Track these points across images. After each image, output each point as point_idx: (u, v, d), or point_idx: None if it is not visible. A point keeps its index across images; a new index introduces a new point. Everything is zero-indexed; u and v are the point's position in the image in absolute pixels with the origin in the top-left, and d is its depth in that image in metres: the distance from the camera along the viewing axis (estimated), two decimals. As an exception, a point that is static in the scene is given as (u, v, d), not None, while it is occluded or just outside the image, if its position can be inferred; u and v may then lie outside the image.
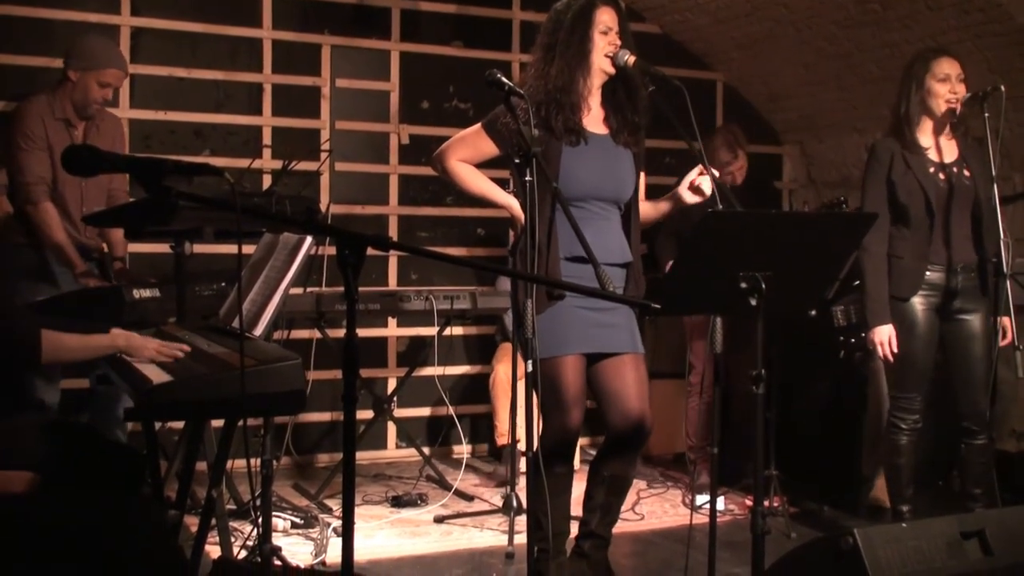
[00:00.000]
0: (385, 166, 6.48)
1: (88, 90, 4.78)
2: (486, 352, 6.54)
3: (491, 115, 3.68)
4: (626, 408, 3.67)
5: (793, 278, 3.12)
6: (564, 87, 3.61)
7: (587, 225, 3.53)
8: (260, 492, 3.86)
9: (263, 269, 3.54)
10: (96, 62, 4.78)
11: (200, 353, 3.12)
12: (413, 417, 6.49)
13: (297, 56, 6.26)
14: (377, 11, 6.45)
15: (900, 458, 4.50)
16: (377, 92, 6.47)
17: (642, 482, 5.91)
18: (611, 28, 3.64)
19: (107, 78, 4.79)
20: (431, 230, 6.62)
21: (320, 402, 6.07)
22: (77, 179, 4.75)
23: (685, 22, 6.92)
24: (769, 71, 7.04)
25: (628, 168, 3.73)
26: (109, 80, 4.80)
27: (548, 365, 3.53)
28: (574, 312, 3.59)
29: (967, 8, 5.54)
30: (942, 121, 4.41)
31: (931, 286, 4.38)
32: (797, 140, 7.48)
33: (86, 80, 4.77)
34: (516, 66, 6.61)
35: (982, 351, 4.41)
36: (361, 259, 2.17)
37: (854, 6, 5.98)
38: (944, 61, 4.40)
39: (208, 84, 6.08)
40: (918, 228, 4.37)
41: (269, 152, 6.08)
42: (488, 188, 3.75)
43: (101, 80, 4.78)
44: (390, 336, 6.49)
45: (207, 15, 6.03)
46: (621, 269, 3.70)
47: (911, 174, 4.36)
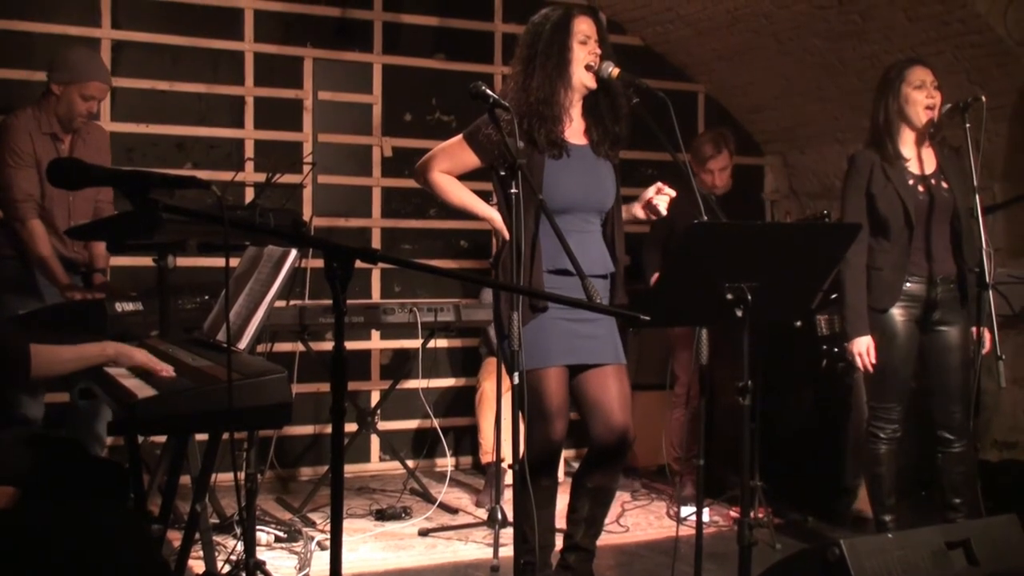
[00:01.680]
0: (368, 179, 6.47)
1: (72, 103, 4.76)
2: (470, 365, 6.53)
3: (473, 126, 3.68)
4: (609, 420, 3.67)
5: (779, 289, 3.13)
6: (545, 99, 3.61)
7: (570, 237, 3.53)
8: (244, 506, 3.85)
9: (247, 282, 3.53)
10: (79, 75, 4.76)
11: (184, 367, 3.10)
12: (397, 430, 6.48)
13: (279, 69, 6.25)
14: (359, 24, 6.45)
15: (880, 467, 4.52)
16: (359, 104, 6.46)
17: (626, 494, 5.90)
18: (589, 37, 3.65)
19: (90, 91, 4.77)
20: (414, 242, 6.61)
21: (303, 415, 6.05)
22: (65, 192, 4.74)
23: (666, 34, 6.95)
24: (750, 82, 7.07)
25: (609, 179, 3.75)
26: (92, 93, 4.78)
27: (531, 377, 3.52)
28: (556, 324, 3.59)
29: (947, 19, 5.58)
30: (921, 129, 4.43)
31: (911, 297, 4.40)
32: (778, 151, 7.51)
33: (69, 93, 4.75)
34: (499, 78, 6.61)
35: (959, 362, 4.43)
36: (350, 272, 2.16)
37: (835, 18, 6.01)
38: (918, 69, 4.43)
39: (190, 97, 6.07)
40: (897, 240, 4.39)
41: (252, 165, 6.06)
42: (470, 200, 3.75)
43: (84, 93, 4.76)
44: (374, 349, 6.48)
45: (188, 28, 6.02)
46: (604, 280, 3.71)
47: (891, 186, 4.37)
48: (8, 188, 4.73)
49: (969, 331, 4.42)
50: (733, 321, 3.04)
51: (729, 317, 3.03)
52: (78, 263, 4.94)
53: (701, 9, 6.49)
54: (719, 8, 6.39)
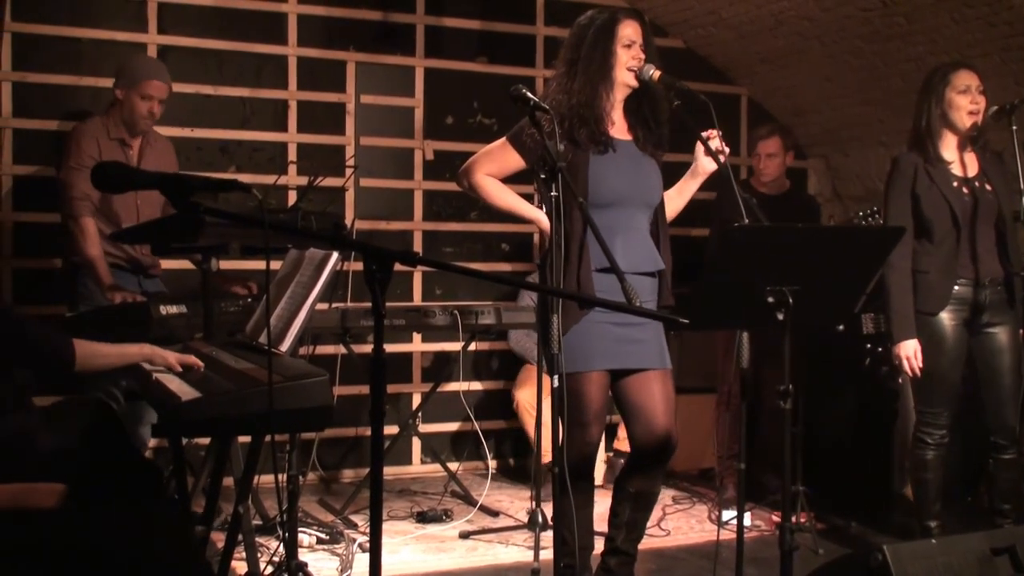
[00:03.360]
0: (410, 182, 6.49)
1: (133, 105, 4.91)
2: (511, 367, 6.53)
3: (516, 128, 3.68)
4: (652, 424, 3.66)
5: (821, 292, 3.10)
6: (587, 102, 3.61)
7: (617, 233, 3.53)
8: (286, 508, 3.87)
9: (289, 285, 3.55)
10: (135, 77, 4.91)
11: (227, 369, 3.12)
12: (438, 432, 6.49)
13: (322, 73, 6.29)
14: (401, 27, 6.47)
15: (927, 473, 4.47)
16: (402, 108, 6.48)
17: (668, 497, 5.88)
18: (634, 41, 3.64)
19: (148, 90, 4.89)
20: (456, 245, 6.62)
21: (345, 417, 6.07)
22: (132, 195, 4.84)
23: (709, 36, 6.92)
24: (793, 85, 7.02)
25: (655, 174, 3.74)
26: (151, 92, 4.90)
27: (572, 380, 3.52)
28: (601, 328, 3.58)
29: (993, 21, 5.51)
30: (964, 134, 4.38)
31: (959, 300, 4.35)
32: (822, 154, 7.45)
33: (130, 96, 4.91)
34: (540, 81, 6.61)
35: (1010, 364, 4.37)
36: (389, 275, 2.17)
37: (879, 20, 5.96)
38: (963, 73, 4.38)
39: (234, 101, 6.12)
40: (943, 242, 4.34)
41: (295, 168, 6.10)
42: (515, 202, 3.75)
43: (143, 93, 4.89)
44: (415, 351, 6.50)
45: (233, 32, 6.07)
46: (652, 278, 3.69)
47: (935, 188, 4.33)
48: (67, 187, 4.84)
49: (1019, 333, 4.37)
50: (774, 325, 3.02)
51: (771, 321, 3.01)
52: (145, 265, 5.01)
53: (744, 12, 6.45)
54: (762, 11, 6.35)
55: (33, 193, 5.57)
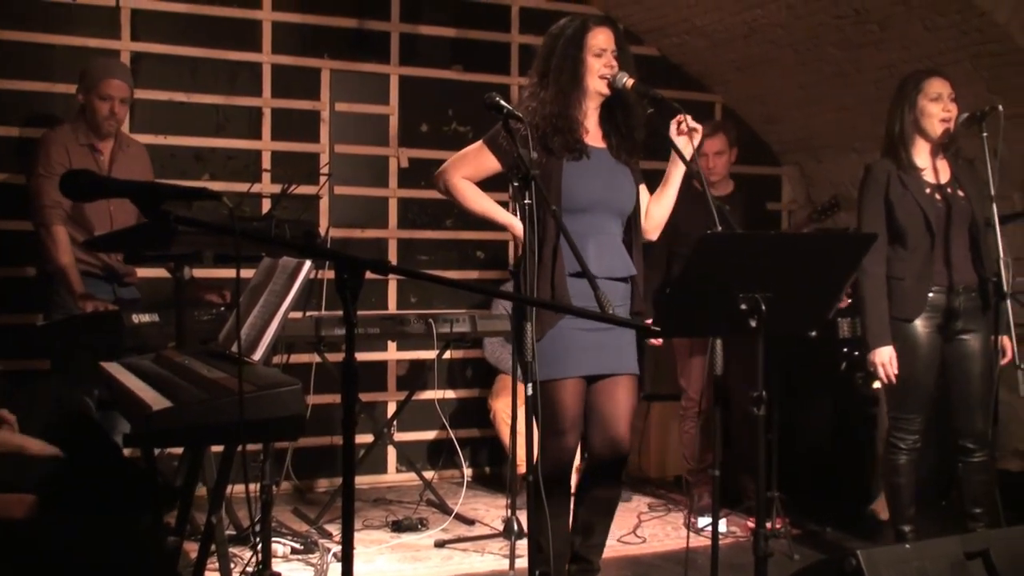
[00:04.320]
0: (384, 189, 6.48)
1: (94, 107, 4.87)
2: (486, 376, 6.52)
3: (492, 131, 3.69)
4: (610, 431, 3.68)
5: (794, 299, 3.11)
6: (559, 112, 3.61)
7: (589, 238, 3.54)
8: (260, 518, 3.85)
9: (262, 293, 3.53)
10: (94, 78, 4.87)
11: (199, 378, 3.11)
12: (413, 441, 6.47)
13: (296, 80, 6.27)
14: (376, 35, 6.46)
15: (900, 478, 4.49)
16: (376, 116, 6.48)
17: (643, 504, 5.89)
18: (605, 49, 3.65)
19: (107, 90, 4.85)
20: (431, 253, 6.61)
21: (320, 426, 6.05)
22: (104, 201, 4.79)
23: (683, 44, 6.94)
24: (767, 92, 7.05)
25: (629, 182, 3.75)
26: (110, 92, 4.85)
27: (547, 387, 3.52)
28: (575, 334, 3.58)
29: (964, 29, 5.55)
30: (936, 141, 4.41)
31: (933, 307, 4.37)
32: (795, 161, 7.48)
33: (90, 99, 4.87)
34: (515, 89, 6.62)
35: (981, 370, 4.40)
36: (360, 283, 2.16)
37: (852, 27, 5.99)
38: (935, 81, 4.41)
39: (208, 108, 6.09)
40: (917, 249, 4.37)
41: (268, 176, 6.08)
42: (490, 207, 3.76)
43: (102, 93, 4.84)
44: (390, 360, 6.48)
45: (207, 39, 6.05)
46: (624, 283, 3.70)
47: (909, 194, 4.36)
48: (38, 195, 4.80)
49: (991, 340, 4.39)
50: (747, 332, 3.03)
51: (743, 328, 3.02)
52: (120, 273, 4.98)
53: (718, 20, 6.48)
54: (736, 19, 6.38)
55: (6, 201, 5.53)
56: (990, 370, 4.38)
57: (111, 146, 4.98)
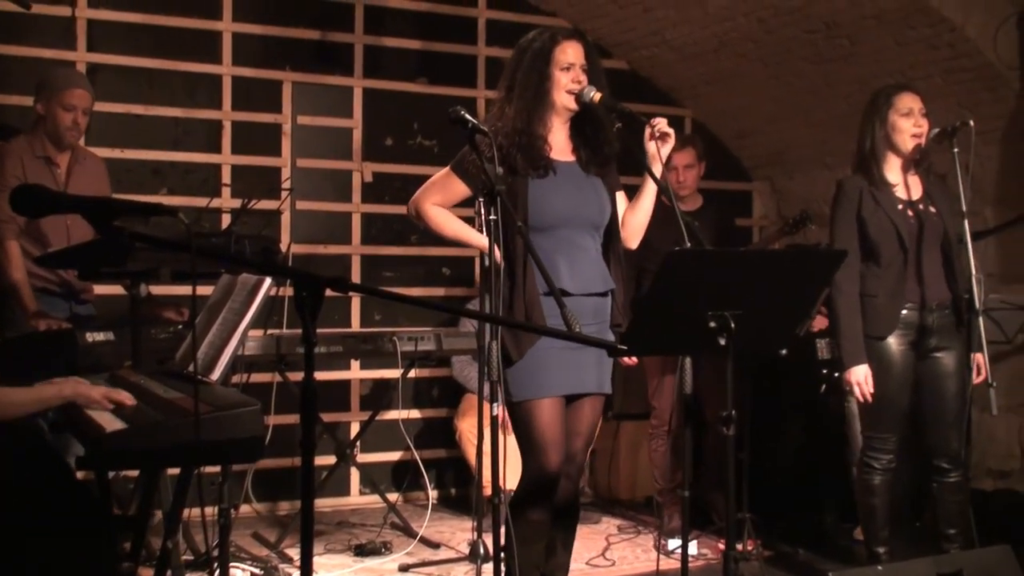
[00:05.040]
0: (348, 205, 6.47)
1: (56, 117, 4.79)
2: (452, 395, 6.51)
3: (459, 156, 3.67)
4: (571, 448, 3.66)
5: (764, 316, 3.12)
6: (522, 128, 3.60)
7: (562, 255, 3.53)
8: (218, 542, 3.82)
9: (220, 311, 3.51)
10: (56, 87, 4.80)
11: (155, 399, 3.08)
12: (377, 462, 6.45)
13: (257, 92, 6.26)
14: (339, 47, 6.46)
15: (874, 498, 4.50)
16: (339, 129, 6.47)
17: (613, 527, 5.88)
18: (573, 64, 3.64)
19: (71, 100, 4.79)
20: (395, 270, 6.60)
21: (281, 447, 5.98)
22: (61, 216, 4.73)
23: (653, 58, 6.98)
24: (738, 107, 7.10)
25: (601, 193, 3.72)
26: (74, 102, 4.80)
27: (525, 408, 3.51)
28: (551, 353, 3.56)
29: (935, 44, 5.61)
30: (908, 157, 4.45)
31: (906, 324, 4.39)
32: (766, 176, 7.53)
33: (52, 108, 4.79)
34: (482, 102, 6.63)
35: (955, 388, 4.42)
36: (319, 301, 2.15)
37: (823, 42, 6.04)
38: (906, 96, 4.44)
39: (166, 121, 6.07)
40: (890, 266, 4.39)
41: (228, 191, 6.05)
42: (463, 231, 3.74)
43: (64, 103, 4.78)
44: (353, 379, 6.46)
45: (165, 50, 6.02)
46: (603, 298, 3.68)
47: (881, 211, 4.38)
48: None
49: (965, 357, 4.42)
50: (717, 350, 3.03)
51: (712, 346, 3.03)
52: (77, 289, 4.92)
53: (688, 33, 6.52)
54: (706, 32, 6.42)
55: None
56: (963, 388, 4.41)
57: (68, 159, 4.92)
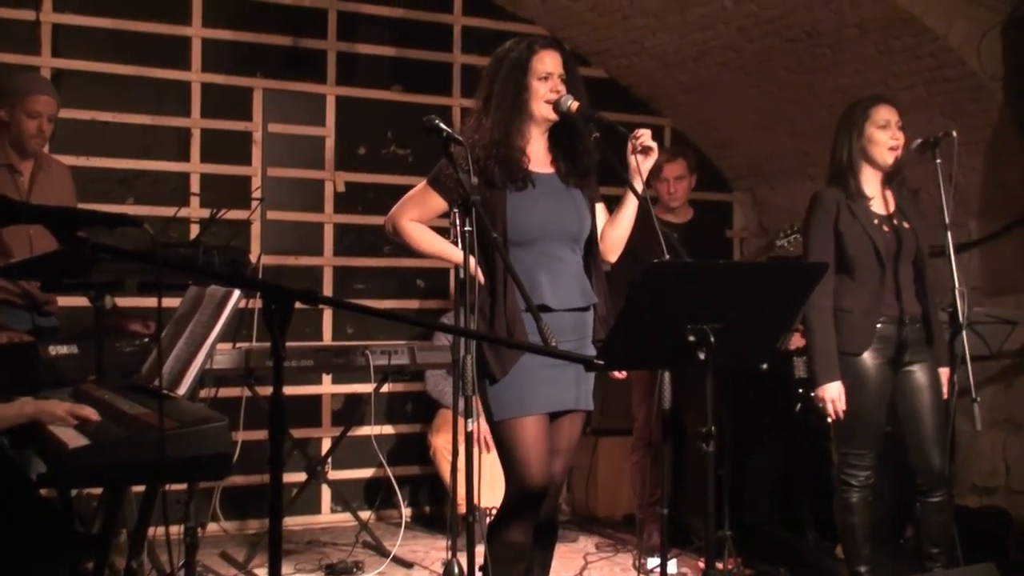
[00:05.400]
0: (320, 215, 6.46)
1: (20, 123, 4.74)
2: (427, 411, 6.49)
3: (436, 169, 3.67)
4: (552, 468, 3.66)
5: (743, 330, 3.13)
6: (500, 140, 3.60)
7: (542, 269, 3.53)
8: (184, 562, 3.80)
9: (188, 324, 3.50)
10: (20, 93, 4.76)
11: (120, 414, 3.07)
12: (349, 479, 6.43)
13: (227, 100, 6.24)
14: (312, 53, 6.46)
15: (853, 517, 4.49)
16: (311, 137, 6.46)
17: (591, 545, 5.88)
18: (551, 73, 3.64)
19: (35, 106, 4.75)
20: (368, 281, 6.59)
21: (251, 464, 5.97)
22: (24, 226, 4.69)
23: (632, 66, 7.00)
24: (718, 116, 7.13)
25: (581, 206, 3.72)
26: (39, 108, 4.76)
27: (509, 427, 3.50)
28: (533, 371, 3.55)
29: (918, 53, 5.65)
30: (884, 170, 4.47)
31: (883, 339, 4.41)
32: (748, 187, 7.56)
33: (15, 115, 4.75)
34: (457, 111, 6.64)
35: (931, 403, 4.43)
36: (289, 314, 2.15)
37: (804, 51, 6.08)
38: (883, 108, 4.46)
39: (133, 129, 6.04)
40: (866, 280, 4.40)
41: (197, 200, 6.04)
42: (442, 247, 3.74)
43: (29, 110, 4.74)
44: (324, 394, 6.44)
45: (133, 56, 6.01)
46: (585, 312, 3.68)
47: (858, 224, 4.39)
48: None
49: (937, 371, 4.44)
50: (696, 364, 3.04)
51: (692, 360, 3.03)
52: (40, 301, 4.88)
53: (667, 41, 6.55)
54: (686, 40, 6.45)
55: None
56: (939, 403, 4.42)
57: (32, 167, 4.89)
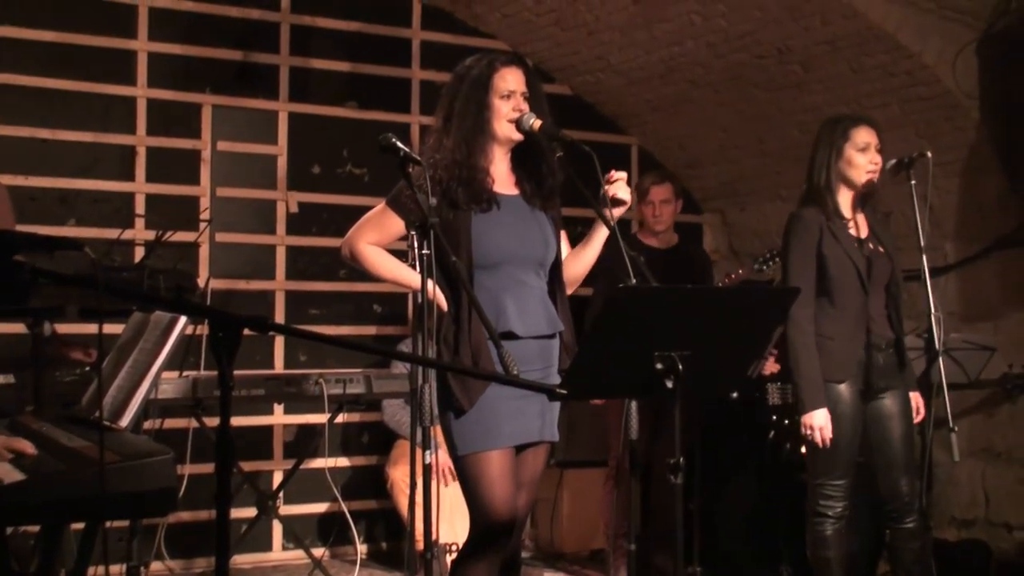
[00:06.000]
0: (271, 237, 6.44)
1: None
2: (384, 442, 6.47)
3: (395, 190, 3.66)
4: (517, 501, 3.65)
5: (713, 358, 3.14)
6: (462, 161, 3.60)
7: (508, 295, 3.53)
8: (126, 603, 3.75)
9: (131, 351, 3.47)
10: None
11: (58, 447, 3.03)
12: (301, 515, 6.39)
13: (174, 116, 6.22)
14: (263, 68, 6.45)
15: (828, 551, 4.49)
16: (263, 156, 6.44)
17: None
18: (514, 91, 3.65)
19: None
20: (323, 307, 6.57)
21: (198, 499, 5.91)
22: None
23: (597, 83, 7.04)
24: (686, 135, 7.17)
25: (547, 229, 3.73)
26: None
27: (474, 461, 3.49)
28: (499, 402, 3.54)
29: (892, 71, 5.71)
30: (859, 191, 4.50)
31: (857, 366, 4.43)
32: (717, 208, 7.60)
33: None
34: (415, 128, 6.65)
35: (901, 430, 4.45)
36: (237, 342, 2.14)
37: (775, 67, 6.13)
38: (863, 130, 4.48)
39: (75, 147, 6.01)
40: (847, 305, 4.42)
41: (142, 222, 6.00)
42: (401, 272, 3.72)
43: None
44: (276, 424, 6.40)
45: (75, 71, 5.97)
46: (551, 340, 3.68)
47: (840, 247, 4.42)
48: None
49: (908, 397, 4.47)
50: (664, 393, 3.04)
51: (659, 389, 3.04)
52: None
53: (633, 58, 6.58)
54: (652, 57, 6.49)
55: None
56: (909, 430, 4.45)
57: None
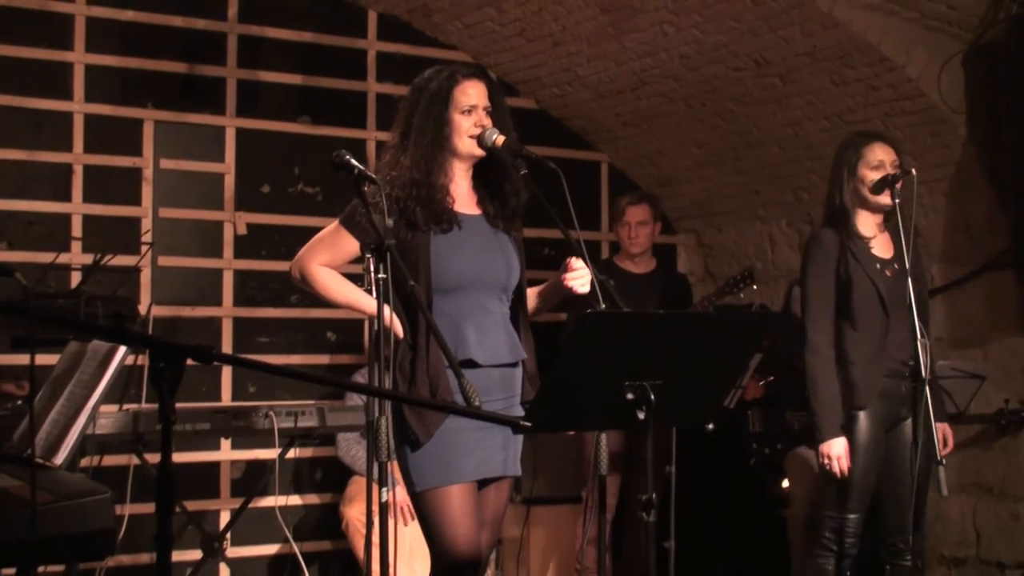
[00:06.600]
0: (218, 260, 6.42)
1: None
2: (338, 479, 6.44)
3: (349, 208, 3.66)
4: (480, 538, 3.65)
5: (688, 387, 3.15)
6: (420, 179, 3.61)
7: (469, 320, 3.54)
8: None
9: (67, 384, 3.45)
10: None
11: (-13, 487, 3.02)
12: (250, 557, 6.35)
13: (114, 132, 6.20)
14: (209, 81, 6.44)
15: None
16: (209, 174, 6.43)
17: (522, 627, 5.86)
18: (476, 106, 3.67)
19: None
20: (273, 335, 6.54)
21: (139, 542, 5.89)
22: None
23: (564, 96, 7.06)
24: (659, 151, 7.19)
25: (510, 252, 3.74)
26: None
27: (432, 497, 3.49)
28: (460, 434, 3.54)
29: (875, 84, 5.76)
30: (878, 211, 4.53)
31: (882, 394, 4.45)
32: (692, 228, 7.63)
33: None
34: (371, 144, 6.65)
35: (911, 459, 4.48)
36: (180, 373, 2.13)
37: (752, 80, 6.16)
38: (877, 147, 4.54)
39: (6, 165, 5.98)
40: (868, 329, 4.45)
41: (79, 245, 5.97)
42: (355, 296, 3.72)
43: None
44: (223, 460, 6.37)
45: (6, 85, 5.95)
46: (513, 369, 3.68)
47: (860, 269, 4.45)
48: None
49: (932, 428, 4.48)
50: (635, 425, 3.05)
51: (630, 421, 3.04)
52: None
53: (603, 70, 6.61)
54: (623, 69, 6.52)
55: None
56: (929, 464, 4.47)
57: None
